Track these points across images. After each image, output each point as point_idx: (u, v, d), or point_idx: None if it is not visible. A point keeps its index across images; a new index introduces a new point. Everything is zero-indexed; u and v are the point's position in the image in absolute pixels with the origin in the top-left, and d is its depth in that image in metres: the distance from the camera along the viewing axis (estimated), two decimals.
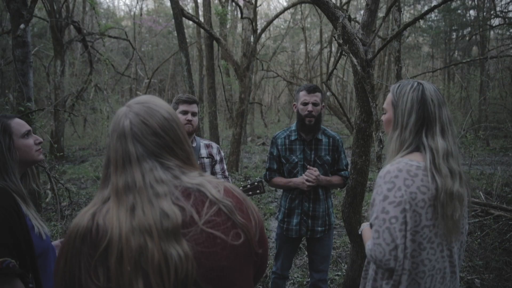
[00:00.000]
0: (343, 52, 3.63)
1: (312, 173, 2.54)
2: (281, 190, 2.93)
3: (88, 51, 10.75)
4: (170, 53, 23.03)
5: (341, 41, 2.66)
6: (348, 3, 7.66)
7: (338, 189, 6.32)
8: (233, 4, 17.65)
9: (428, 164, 1.39)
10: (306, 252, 3.67)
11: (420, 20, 16.23)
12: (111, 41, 17.21)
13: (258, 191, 2.65)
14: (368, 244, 1.41)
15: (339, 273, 3.83)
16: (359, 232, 1.63)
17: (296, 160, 2.68)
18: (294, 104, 2.76)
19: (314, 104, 2.61)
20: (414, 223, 1.36)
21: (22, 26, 3.03)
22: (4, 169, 1.44)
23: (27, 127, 1.56)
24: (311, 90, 2.63)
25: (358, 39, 2.82)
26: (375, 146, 2.75)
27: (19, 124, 1.53)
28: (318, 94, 2.64)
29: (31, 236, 1.39)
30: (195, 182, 0.97)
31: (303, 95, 2.64)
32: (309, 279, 3.67)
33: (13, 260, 1.25)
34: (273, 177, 2.79)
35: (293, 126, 2.78)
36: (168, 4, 26.12)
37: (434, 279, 1.42)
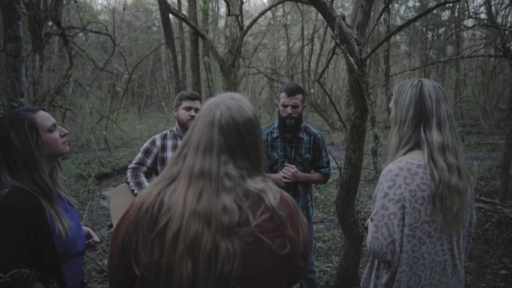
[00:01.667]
0: (335, 51, 3.74)
1: (289, 170, 2.63)
2: None
3: (68, 45, 10.48)
4: (149, 48, 22.70)
5: (338, 41, 2.77)
6: (331, 2, 7.78)
7: (323, 185, 6.48)
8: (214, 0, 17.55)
9: (426, 158, 1.44)
10: None
11: (401, 19, 16.64)
12: (89, 36, 16.79)
13: None
14: (368, 237, 1.50)
15: (330, 264, 3.97)
16: (365, 225, 1.69)
17: (277, 157, 2.78)
18: (276, 103, 2.84)
19: (294, 107, 2.68)
20: (414, 219, 1.42)
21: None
22: (33, 166, 1.41)
23: (52, 120, 1.51)
24: (291, 93, 2.68)
25: (353, 39, 2.93)
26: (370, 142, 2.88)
27: (44, 118, 1.48)
28: (298, 96, 2.70)
29: (53, 239, 1.38)
30: (258, 187, 1.00)
31: (283, 97, 2.71)
32: None
33: (28, 269, 1.27)
34: None
35: (276, 123, 2.86)
36: None
37: (434, 271, 1.47)
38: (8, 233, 1.26)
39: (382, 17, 4.35)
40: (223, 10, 19.91)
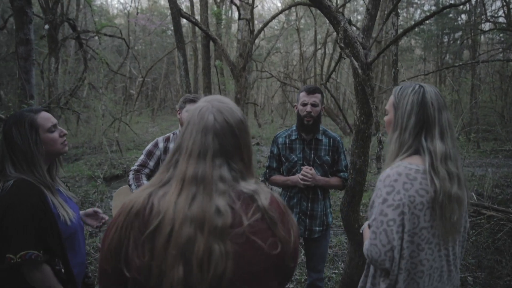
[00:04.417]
0: (342, 55, 3.70)
1: (307, 172, 2.60)
2: (280, 188, 2.99)
3: (83, 49, 10.71)
4: (163, 52, 22.98)
5: (343, 45, 2.74)
6: (343, 6, 7.76)
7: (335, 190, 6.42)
8: (228, 4, 17.67)
9: (427, 167, 1.41)
10: (303, 251, 3.74)
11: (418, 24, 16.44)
12: (104, 39, 17.14)
13: None
14: (366, 243, 1.48)
15: (336, 271, 3.91)
16: (361, 231, 1.67)
17: (296, 159, 2.75)
18: (295, 105, 2.83)
19: (313, 105, 2.67)
20: (413, 225, 1.40)
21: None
22: (32, 163, 1.53)
23: (53, 120, 1.63)
24: (311, 91, 2.70)
25: (358, 43, 2.90)
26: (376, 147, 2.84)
27: (45, 119, 1.60)
28: (318, 95, 2.71)
29: (57, 224, 1.52)
30: (251, 188, 1.01)
31: (302, 96, 2.71)
32: (306, 277, 3.75)
33: (36, 250, 1.40)
34: (272, 175, 2.85)
35: (294, 127, 2.84)
36: (162, 2, 26.06)
37: (432, 278, 1.46)
38: (18, 220, 1.41)
39: (391, 20, 4.31)
40: (237, 14, 20.04)
